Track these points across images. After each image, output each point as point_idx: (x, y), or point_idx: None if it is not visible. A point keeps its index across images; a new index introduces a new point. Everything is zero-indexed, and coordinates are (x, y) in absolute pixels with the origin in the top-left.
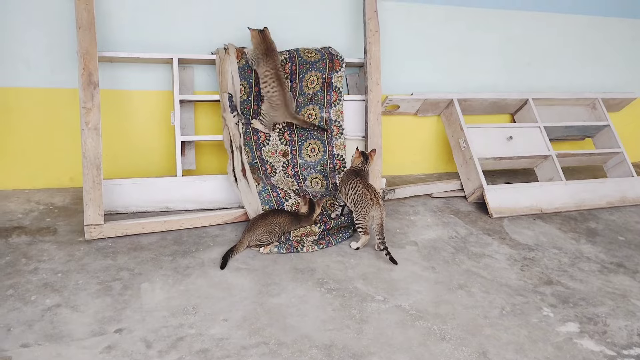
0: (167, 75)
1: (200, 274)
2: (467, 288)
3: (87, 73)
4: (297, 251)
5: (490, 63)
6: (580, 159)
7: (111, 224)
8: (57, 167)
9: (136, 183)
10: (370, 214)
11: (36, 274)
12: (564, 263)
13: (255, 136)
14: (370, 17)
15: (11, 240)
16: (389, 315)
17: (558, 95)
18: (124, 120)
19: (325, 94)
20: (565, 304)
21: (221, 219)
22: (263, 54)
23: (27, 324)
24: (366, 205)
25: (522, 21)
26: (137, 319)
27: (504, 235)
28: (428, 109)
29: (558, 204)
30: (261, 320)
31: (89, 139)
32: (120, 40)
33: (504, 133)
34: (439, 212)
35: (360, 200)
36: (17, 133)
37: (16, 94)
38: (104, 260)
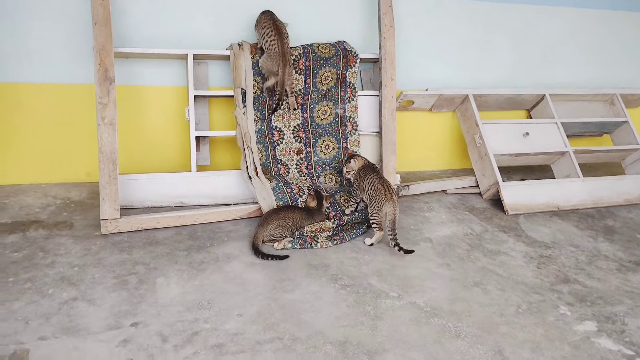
0: (181, 71)
1: (215, 269)
2: (482, 285)
3: (103, 69)
4: (311, 247)
5: (505, 58)
6: (598, 156)
7: (127, 219)
8: (73, 162)
9: (151, 178)
10: (383, 210)
11: (53, 267)
12: (581, 261)
13: (270, 135)
14: (385, 12)
15: (29, 234)
16: (403, 312)
17: (575, 91)
18: (139, 116)
19: (339, 89)
20: (582, 303)
21: (235, 215)
22: (262, 13)
23: (44, 317)
24: (380, 200)
25: (537, 15)
26: (152, 313)
27: (519, 233)
28: (443, 104)
29: (575, 201)
30: (275, 315)
31: (105, 134)
32: (136, 36)
33: (520, 129)
34: (454, 209)
35: (375, 195)
36: (34, 128)
37: (33, 90)
38: (120, 255)
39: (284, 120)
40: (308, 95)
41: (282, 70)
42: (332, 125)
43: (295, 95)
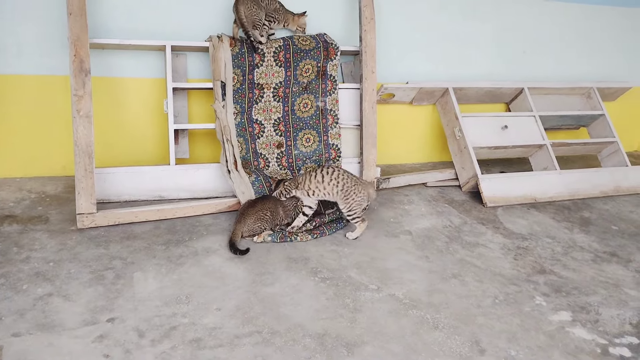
0: (160, 62)
1: (194, 263)
2: (460, 277)
3: (78, 60)
4: (291, 240)
5: (485, 52)
6: (575, 149)
7: (104, 213)
8: (49, 155)
9: (129, 171)
10: (364, 198)
11: (28, 262)
12: (557, 252)
13: (250, 128)
14: (366, 4)
15: (2, 229)
16: (382, 305)
17: (553, 85)
18: (117, 108)
19: (320, 82)
20: (558, 293)
21: (215, 208)
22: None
23: (18, 313)
24: (358, 192)
25: (517, 9)
26: (129, 308)
27: (498, 225)
28: (423, 97)
29: (552, 193)
30: (254, 309)
31: (80, 126)
32: (112, 27)
33: (499, 122)
34: (434, 202)
35: (350, 190)
36: (8, 121)
37: (7, 81)
38: (97, 249)
39: (265, 113)
40: (289, 88)
41: (235, 8)
42: (313, 118)
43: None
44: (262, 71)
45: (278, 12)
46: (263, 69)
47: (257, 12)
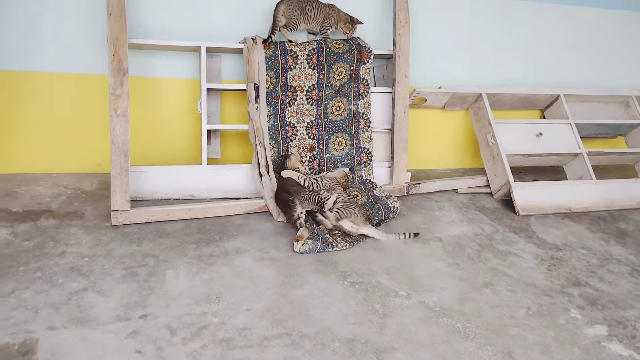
0: (194, 63)
1: (224, 263)
2: (492, 286)
3: (117, 60)
4: (332, 248)
5: (519, 57)
6: (612, 158)
7: (137, 210)
8: (85, 152)
9: (162, 170)
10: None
11: (63, 257)
12: (593, 264)
13: (283, 130)
14: (401, 8)
15: (40, 223)
16: (412, 311)
17: (590, 92)
18: (152, 108)
19: (352, 85)
20: (593, 306)
21: (245, 209)
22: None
23: (54, 306)
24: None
25: (552, 14)
26: (161, 306)
27: (530, 234)
28: (456, 102)
29: (587, 203)
30: (284, 311)
31: (117, 125)
32: (149, 28)
33: (533, 129)
34: (464, 208)
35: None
36: (46, 117)
37: (47, 79)
38: (130, 246)
39: (298, 116)
40: (322, 91)
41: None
42: (345, 122)
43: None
44: (295, 74)
45: (329, 16)
46: (296, 71)
47: (297, 15)
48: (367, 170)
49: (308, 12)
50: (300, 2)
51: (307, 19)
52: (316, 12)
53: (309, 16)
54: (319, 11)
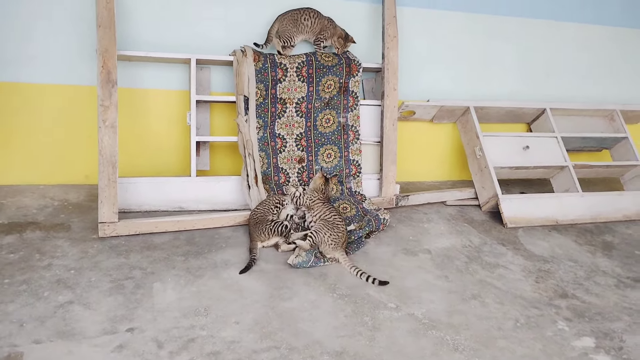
0: (184, 75)
1: (212, 275)
2: (480, 298)
3: (105, 71)
4: (324, 263)
5: (507, 72)
6: (597, 171)
7: (125, 222)
8: (73, 163)
9: (151, 182)
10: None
11: (49, 270)
12: (580, 276)
13: (273, 142)
14: (389, 22)
15: (25, 235)
16: (401, 324)
17: (576, 106)
18: (141, 119)
19: (342, 98)
20: (580, 318)
21: (234, 221)
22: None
23: (39, 320)
24: (334, 238)
25: (540, 30)
26: (148, 319)
27: (518, 246)
28: (444, 115)
29: (574, 215)
30: (272, 324)
31: (105, 136)
32: (139, 39)
33: (520, 142)
34: (453, 221)
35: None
36: (34, 128)
37: (35, 90)
38: (117, 259)
39: (287, 128)
40: (311, 104)
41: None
42: (334, 134)
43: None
44: (284, 86)
45: (326, 29)
46: (286, 84)
47: (290, 30)
48: (356, 182)
49: (304, 21)
50: (294, 14)
51: (302, 30)
52: (313, 22)
53: (304, 25)
54: (316, 21)
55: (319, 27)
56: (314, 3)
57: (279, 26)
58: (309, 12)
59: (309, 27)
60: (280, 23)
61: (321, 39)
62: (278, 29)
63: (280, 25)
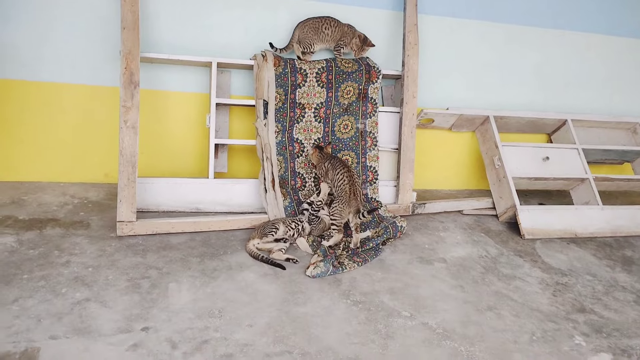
0: (205, 78)
1: (227, 277)
2: (496, 310)
3: (128, 72)
4: (342, 270)
5: (527, 81)
6: (619, 184)
7: (142, 222)
8: (93, 162)
9: (169, 182)
10: (345, 217)
11: (68, 267)
12: (598, 291)
13: (291, 147)
14: (410, 30)
15: (45, 231)
16: (415, 333)
17: (598, 118)
18: (161, 120)
19: (360, 104)
20: (598, 334)
21: (250, 223)
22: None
23: (56, 316)
24: (343, 203)
25: (560, 40)
26: (163, 319)
27: (536, 258)
28: (463, 124)
29: (593, 228)
30: (286, 328)
31: (126, 136)
32: (161, 42)
33: (540, 153)
34: (469, 230)
35: (340, 196)
36: (57, 127)
37: (59, 89)
38: (134, 258)
39: (306, 133)
40: (330, 109)
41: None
42: (352, 140)
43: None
44: (304, 91)
45: (346, 35)
46: (305, 89)
47: (311, 37)
48: (372, 189)
49: (324, 30)
50: (315, 23)
51: (323, 38)
52: (333, 30)
53: (325, 34)
54: (336, 29)
55: (340, 34)
56: (335, 10)
57: (299, 33)
58: (329, 21)
59: (329, 36)
60: (301, 30)
61: (341, 45)
62: (299, 36)
63: (300, 33)
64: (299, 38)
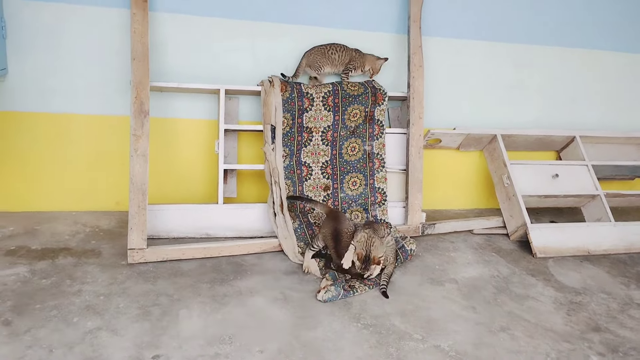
0: (213, 104)
1: (237, 303)
2: (509, 331)
3: (138, 102)
4: (353, 294)
5: (532, 99)
6: (630, 200)
7: (153, 249)
8: (104, 191)
9: (179, 209)
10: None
11: (79, 295)
12: (613, 309)
13: (299, 170)
14: (415, 52)
15: (57, 261)
16: (427, 356)
17: (607, 133)
18: (170, 147)
19: (367, 127)
20: (614, 353)
21: (260, 248)
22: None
23: (68, 346)
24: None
25: (567, 58)
26: (174, 346)
27: (548, 277)
28: (470, 143)
29: (606, 245)
30: (297, 353)
31: (137, 165)
32: (170, 71)
33: (549, 170)
34: (480, 250)
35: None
36: (69, 157)
37: (70, 120)
38: (145, 285)
39: (313, 156)
40: (337, 132)
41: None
42: (360, 162)
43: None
44: (311, 115)
45: (355, 59)
46: (312, 113)
47: (319, 59)
48: (381, 210)
49: (331, 55)
50: (321, 49)
51: (332, 62)
52: (341, 55)
53: (332, 58)
54: (344, 54)
55: (348, 58)
56: (340, 36)
57: (306, 60)
58: (336, 47)
59: (337, 60)
60: (308, 58)
61: (350, 68)
62: (307, 62)
63: (308, 59)
64: (307, 63)
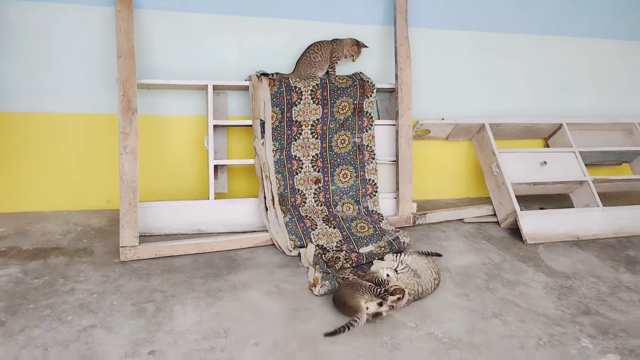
0: (201, 100)
1: (232, 297)
2: (502, 317)
3: (126, 99)
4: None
5: (521, 88)
6: (618, 185)
7: (145, 246)
8: (95, 189)
9: (170, 206)
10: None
11: (73, 294)
12: (603, 292)
13: (289, 164)
14: (402, 43)
15: (49, 260)
16: (421, 343)
17: (593, 120)
18: (160, 144)
19: (356, 119)
20: (605, 335)
21: (252, 242)
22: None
23: (63, 344)
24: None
25: (553, 46)
26: (169, 341)
27: (539, 263)
28: (459, 133)
29: (595, 230)
30: (292, 345)
31: (126, 162)
32: (158, 68)
33: (537, 158)
34: (471, 238)
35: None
36: (58, 156)
37: (58, 119)
38: (138, 282)
39: (303, 149)
40: (327, 125)
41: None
42: (350, 154)
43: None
44: (300, 109)
45: (335, 50)
46: (301, 106)
47: (311, 70)
48: (372, 202)
49: (314, 59)
50: (304, 58)
51: (319, 65)
52: (322, 53)
53: (317, 62)
54: (324, 51)
55: (329, 52)
56: (327, 29)
57: (302, 71)
58: (314, 48)
59: (321, 61)
60: (298, 74)
61: (335, 60)
62: (302, 74)
63: (302, 71)
64: (305, 75)
